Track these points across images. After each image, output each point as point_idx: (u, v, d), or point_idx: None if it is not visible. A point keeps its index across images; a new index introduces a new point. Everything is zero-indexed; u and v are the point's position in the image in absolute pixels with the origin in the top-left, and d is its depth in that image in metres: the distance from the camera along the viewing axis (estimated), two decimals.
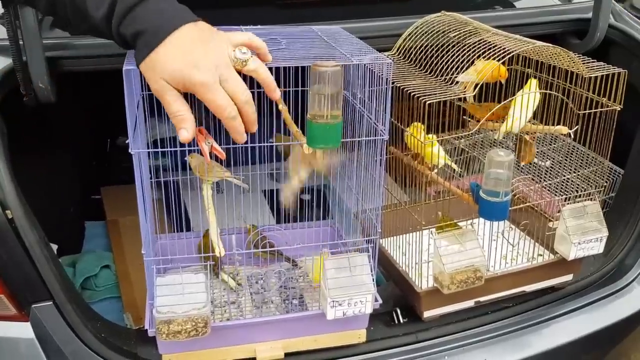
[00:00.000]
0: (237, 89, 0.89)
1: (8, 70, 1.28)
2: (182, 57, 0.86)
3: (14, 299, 1.17)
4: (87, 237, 2.01)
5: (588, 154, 1.47)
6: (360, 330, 1.29)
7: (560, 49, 1.28)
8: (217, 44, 0.89)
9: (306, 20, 1.49)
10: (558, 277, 1.44)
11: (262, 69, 0.92)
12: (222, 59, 0.88)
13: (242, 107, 0.90)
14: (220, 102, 0.87)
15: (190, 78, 0.86)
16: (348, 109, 1.36)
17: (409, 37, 1.45)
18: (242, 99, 0.89)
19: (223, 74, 0.88)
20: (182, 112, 0.89)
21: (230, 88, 0.89)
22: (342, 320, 1.23)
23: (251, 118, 0.92)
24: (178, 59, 0.86)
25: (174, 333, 1.12)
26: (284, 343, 1.26)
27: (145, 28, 0.86)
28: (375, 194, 1.27)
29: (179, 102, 0.89)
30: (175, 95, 0.88)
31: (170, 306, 1.12)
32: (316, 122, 1.07)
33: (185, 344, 1.17)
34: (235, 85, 0.89)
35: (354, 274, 1.21)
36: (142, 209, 1.17)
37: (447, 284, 1.24)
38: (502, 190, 1.20)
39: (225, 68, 0.89)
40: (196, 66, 0.85)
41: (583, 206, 1.35)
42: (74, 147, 2.04)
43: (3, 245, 1.13)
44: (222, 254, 1.28)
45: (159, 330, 1.12)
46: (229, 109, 0.88)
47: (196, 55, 0.86)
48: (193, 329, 1.13)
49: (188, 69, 0.85)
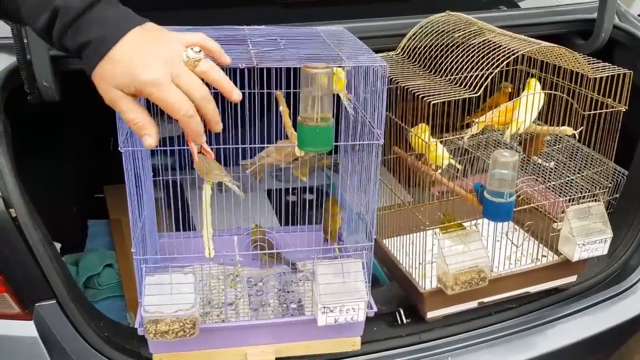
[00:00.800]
0: (191, 84, 0.85)
1: (12, 68, 1.28)
2: (131, 61, 0.82)
3: (17, 298, 1.17)
4: (90, 235, 2.01)
5: (592, 155, 1.47)
6: (354, 338, 1.27)
7: (565, 50, 1.27)
8: (166, 42, 0.86)
9: (310, 19, 1.48)
10: (562, 278, 1.43)
11: (214, 70, 0.88)
12: (172, 57, 0.85)
13: (199, 103, 0.86)
14: (174, 100, 0.84)
15: (140, 78, 0.82)
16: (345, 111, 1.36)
17: (414, 36, 1.44)
18: (197, 94, 0.85)
19: (174, 71, 0.84)
20: (140, 119, 0.85)
21: (184, 84, 0.85)
22: (335, 327, 1.21)
23: (212, 115, 0.88)
24: (127, 64, 0.82)
25: (161, 333, 1.11)
26: (275, 347, 1.24)
27: (89, 39, 0.82)
28: (371, 198, 1.25)
29: (135, 108, 0.85)
30: (129, 102, 0.85)
31: (158, 306, 1.11)
32: (306, 125, 1.05)
33: (175, 344, 1.17)
34: (189, 81, 0.85)
35: (347, 280, 1.19)
36: (132, 207, 1.17)
37: (451, 285, 1.24)
38: (507, 191, 1.19)
39: (177, 65, 0.85)
40: (145, 66, 0.83)
41: (587, 207, 1.35)
42: (77, 146, 2.04)
43: (6, 243, 1.13)
44: (212, 255, 1.27)
45: (147, 330, 1.11)
46: (185, 106, 0.84)
47: (144, 55, 0.83)
48: (181, 330, 1.12)
49: (137, 70, 0.82)
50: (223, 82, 0.89)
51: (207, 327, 1.19)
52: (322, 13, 1.56)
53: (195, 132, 0.87)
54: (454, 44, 1.33)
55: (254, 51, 1.10)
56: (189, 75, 0.85)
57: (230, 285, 1.44)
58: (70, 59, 1.34)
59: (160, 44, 0.85)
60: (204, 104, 0.86)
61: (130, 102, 0.85)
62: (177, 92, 0.84)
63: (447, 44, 1.34)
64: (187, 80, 0.85)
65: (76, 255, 1.84)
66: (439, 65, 1.32)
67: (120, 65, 0.82)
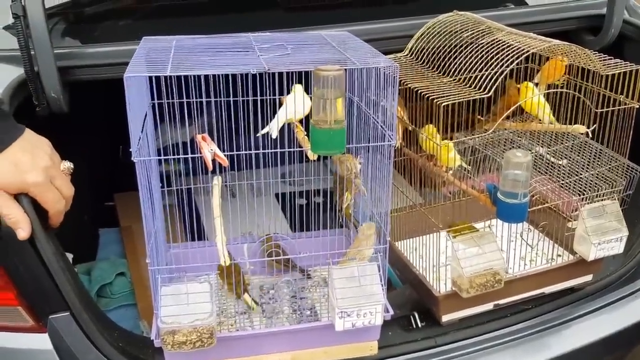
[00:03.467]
0: (64, 186, 1.11)
1: (21, 80, 1.28)
2: (15, 166, 1.02)
3: (31, 311, 1.16)
4: (101, 244, 2.01)
5: (604, 152, 1.45)
6: (372, 342, 1.25)
7: (577, 47, 1.26)
8: (43, 150, 1.08)
9: (315, 23, 1.48)
10: (578, 277, 1.42)
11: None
12: (50, 162, 1.07)
13: (67, 201, 1.12)
14: (53, 198, 1.08)
15: (24, 181, 1.04)
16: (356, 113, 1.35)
17: (422, 37, 1.43)
18: (68, 193, 1.12)
19: (52, 174, 1.07)
20: (14, 215, 1.04)
21: (59, 186, 1.09)
22: (352, 332, 1.20)
23: (63, 212, 1.14)
24: (11, 169, 1.02)
25: (179, 344, 1.10)
26: (293, 355, 1.23)
27: None
28: (384, 200, 1.25)
29: (11, 205, 1.04)
30: (6, 199, 1.04)
31: (175, 316, 1.11)
32: (320, 128, 1.05)
33: (192, 355, 1.16)
34: (62, 182, 1.10)
35: (363, 284, 1.18)
36: (146, 218, 1.17)
37: (466, 288, 1.23)
38: (521, 192, 1.18)
39: (53, 169, 1.08)
40: (27, 171, 1.03)
41: (602, 206, 1.33)
42: (88, 155, 2.04)
43: (20, 257, 1.12)
44: (227, 263, 1.26)
45: (164, 341, 1.11)
46: (59, 203, 1.10)
47: (27, 162, 1.04)
48: (198, 340, 1.11)
49: (21, 175, 1.03)
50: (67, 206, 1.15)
51: (224, 336, 1.18)
52: (327, 17, 1.55)
53: (57, 222, 1.14)
54: (462, 44, 1.31)
55: (263, 57, 1.09)
56: (62, 178, 1.11)
57: (249, 303, 1.42)
58: (78, 70, 1.35)
59: (38, 152, 1.07)
60: (69, 200, 1.14)
61: (6, 199, 1.04)
62: (55, 192, 1.09)
63: (456, 44, 1.33)
64: (61, 182, 1.10)
65: (88, 264, 1.84)
66: (448, 65, 1.31)
67: (5, 171, 1.02)
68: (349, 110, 1.34)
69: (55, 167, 1.09)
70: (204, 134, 1.07)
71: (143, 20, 1.52)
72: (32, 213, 1.10)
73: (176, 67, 1.03)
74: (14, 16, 1.20)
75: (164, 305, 1.11)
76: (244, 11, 1.60)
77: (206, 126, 1.54)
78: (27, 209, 1.10)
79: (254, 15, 1.60)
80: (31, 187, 1.05)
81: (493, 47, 1.23)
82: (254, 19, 1.58)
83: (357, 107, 1.34)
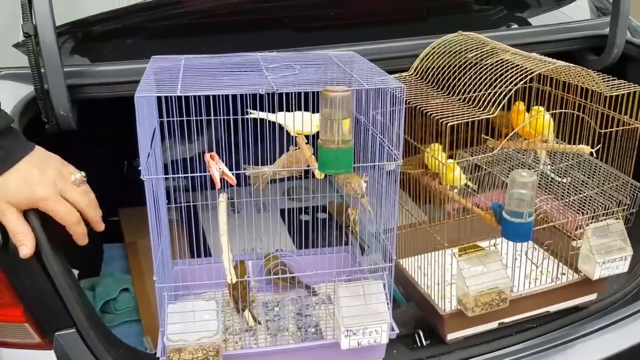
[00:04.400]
0: (75, 197, 1.09)
1: (30, 98, 1.29)
2: (24, 181, 1.03)
3: (38, 328, 1.17)
4: (106, 259, 2.01)
5: (607, 170, 1.46)
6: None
7: (581, 69, 1.27)
8: (52, 165, 1.08)
9: (322, 43, 1.49)
10: (582, 296, 1.42)
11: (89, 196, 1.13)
12: (58, 175, 1.07)
13: (84, 210, 1.10)
14: (65, 211, 1.07)
15: (33, 196, 1.04)
16: (362, 132, 1.36)
17: (427, 57, 1.45)
18: (83, 203, 1.10)
19: (61, 187, 1.07)
20: (21, 230, 1.05)
21: (70, 197, 1.08)
22: (358, 350, 1.20)
23: (95, 218, 1.13)
24: (20, 183, 1.03)
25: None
26: None
27: None
28: (390, 219, 1.25)
29: (19, 221, 1.05)
30: (15, 215, 1.05)
31: (181, 334, 1.11)
32: (327, 147, 1.07)
33: None
34: (73, 195, 1.08)
35: (369, 302, 1.19)
36: (154, 235, 1.17)
37: (471, 307, 1.23)
38: (526, 211, 1.19)
39: (63, 182, 1.08)
40: (36, 185, 1.04)
41: (606, 225, 1.34)
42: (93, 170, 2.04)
43: (28, 274, 1.13)
44: (234, 280, 1.27)
45: (170, 359, 1.11)
46: (72, 215, 1.08)
47: (35, 176, 1.04)
48: (204, 357, 1.11)
49: (30, 189, 1.03)
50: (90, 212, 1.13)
51: (230, 354, 1.18)
52: (334, 36, 1.57)
53: (80, 235, 1.11)
54: (468, 64, 1.33)
55: (271, 77, 1.10)
56: (73, 190, 1.09)
57: (250, 322, 1.43)
58: (87, 88, 1.36)
59: (48, 167, 1.07)
60: (88, 211, 1.11)
61: (15, 215, 1.05)
62: (66, 205, 1.07)
63: (461, 64, 1.35)
64: (72, 194, 1.08)
65: (92, 280, 1.84)
66: (453, 85, 1.32)
67: (13, 186, 1.03)
68: (355, 129, 1.35)
69: (64, 180, 1.09)
70: (212, 153, 1.08)
71: (151, 39, 1.53)
72: (39, 230, 1.11)
73: (186, 87, 1.04)
74: (25, 35, 1.21)
75: (170, 323, 1.12)
76: (250, 31, 1.62)
77: (208, 143, 1.56)
78: (34, 225, 1.11)
79: (261, 35, 1.62)
80: (40, 202, 1.06)
81: (498, 67, 1.24)
82: (260, 38, 1.59)
83: (363, 126, 1.35)
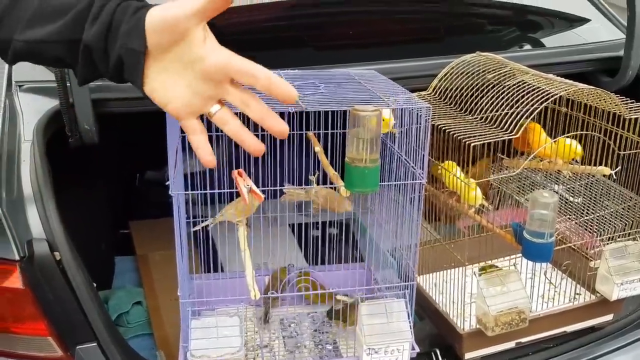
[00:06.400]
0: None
1: (54, 112, 1.30)
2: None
3: (60, 341, 1.16)
4: (117, 272, 2.01)
5: (620, 190, 1.47)
6: None
7: (602, 91, 1.29)
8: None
9: (342, 61, 1.51)
10: (599, 317, 1.43)
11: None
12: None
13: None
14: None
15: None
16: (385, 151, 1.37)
17: (446, 77, 1.46)
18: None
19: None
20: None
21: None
22: None
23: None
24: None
25: None
26: None
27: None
28: (412, 237, 1.26)
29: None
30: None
31: (204, 349, 1.11)
32: (354, 166, 1.08)
33: None
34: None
35: (391, 321, 1.19)
36: (179, 251, 1.18)
37: (491, 326, 1.24)
38: (547, 231, 1.20)
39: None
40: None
41: (624, 246, 1.35)
42: (105, 182, 2.05)
43: (51, 288, 1.13)
44: (257, 297, 1.27)
45: None
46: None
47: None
48: None
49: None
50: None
51: None
52: (353, 55, 1.58)
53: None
54: (488, 85, 1.34)
55: None
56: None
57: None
58: (110, 102, 1.37)
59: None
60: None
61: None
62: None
63: (481, 84, 1.36)
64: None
65: (104, 292, 1.84)
66: (473, 105, 1.33)
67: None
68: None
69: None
70: (240, 169, 1.09)
71: None
72: (67, 239, 1.11)
73: None
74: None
75: (194, 338, 1.12)
76: (271, 49, 1.63)
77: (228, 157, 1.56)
78: (57, 232, 1.10)
79: (282, 53, 1.64)
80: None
81: (519, 89, 1.26)
82: (281, 56, 1.61)
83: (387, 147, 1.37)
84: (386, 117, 1.21)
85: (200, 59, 0.67)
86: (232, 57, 0.67)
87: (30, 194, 1.18)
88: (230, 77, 0.67)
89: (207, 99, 0.69)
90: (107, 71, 0.70)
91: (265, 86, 0.67)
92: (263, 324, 1.38)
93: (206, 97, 0.68)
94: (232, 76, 0.67)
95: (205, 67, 0.67)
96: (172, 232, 2.14)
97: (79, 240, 1.35)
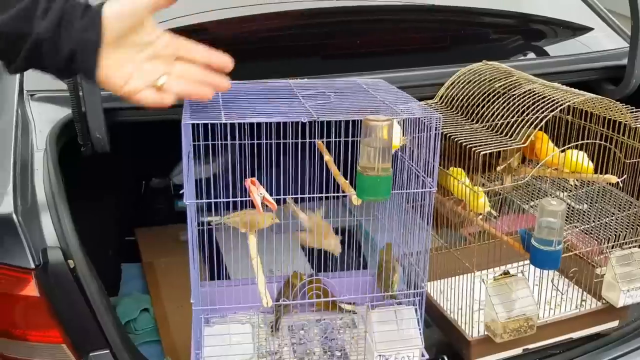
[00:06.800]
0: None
1: (66, 121, 1.32)
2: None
3: (74, 348, 1.17)
4: (124, 279, 2.02)
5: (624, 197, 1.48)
6: None
7: (609, 100, 1.30)
8: None
9: (349, 70, 1.52)
10: (605, 323, 1.44)
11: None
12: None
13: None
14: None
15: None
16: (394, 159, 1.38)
17: (452, 85, 1.48)
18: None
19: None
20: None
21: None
22: None
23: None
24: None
25: None
26: None
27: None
28: (422, 245, 1.27)
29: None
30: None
31: (217, 357, 1.12)
32: (367, 175, 1.09)
33: None
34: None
35: (401, 328, 1.20)
36: (192, 257, 1.19)
37: (500, 333, 1.25)
38: (555, 239, 1.21)
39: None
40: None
41: (630, 253, 1.36)
42: (115, 191, 2.07)
43: (65, 295, 1.14)
44: (269, 304, 1.28)
45: None
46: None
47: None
48: None
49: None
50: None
51: None
52: (360, 64, 1.60)
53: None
54: (495, 94, 1.36)
55: (309, 105, 1.13)
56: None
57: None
58: (122, 111, 1.38)
59: None
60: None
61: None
62: None
63: (488, 93, 1.38)
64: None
65: (112, 299, 1.84)
66: (481, 113, 1.35)
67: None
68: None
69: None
70: (253, 178, 1.10)
71: None
72: (81, 247, 1.11)
73: (228, 113, 1.07)
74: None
75: (206, 346, 1.13)
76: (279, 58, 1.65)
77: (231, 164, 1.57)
78: (71, 241, 1.11)
79: (290, 62, 1.65)
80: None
81: (527, 97, 1.27)
82: (289, 65, 1.62)
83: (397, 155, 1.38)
84: (399, 134, 1.23)
85: (153, 42, 0.84)
86: (177, 38, 0.87)
87: (44, 203, 1.19)
88: (177, 54, 0.86)
89: (156, 74, 0.85)
90: (53, 64, 0.79)
91: (205, 57, 0.89)
92: (274, 331, 1.39)
93: (156, 72, 0.84)
94: (178, 53, 0.87)
95: (157, 49, 0.84)
96: (176, 239, 2.15)
97: (89, 247, 1.36)
